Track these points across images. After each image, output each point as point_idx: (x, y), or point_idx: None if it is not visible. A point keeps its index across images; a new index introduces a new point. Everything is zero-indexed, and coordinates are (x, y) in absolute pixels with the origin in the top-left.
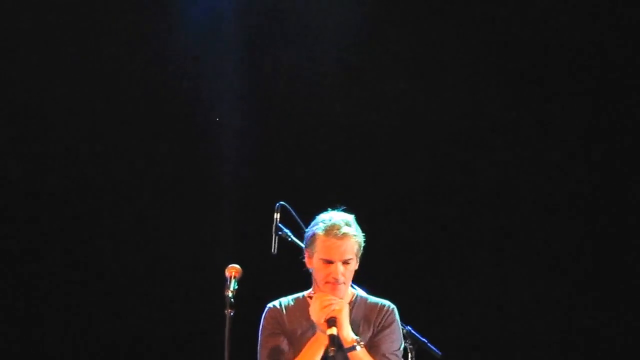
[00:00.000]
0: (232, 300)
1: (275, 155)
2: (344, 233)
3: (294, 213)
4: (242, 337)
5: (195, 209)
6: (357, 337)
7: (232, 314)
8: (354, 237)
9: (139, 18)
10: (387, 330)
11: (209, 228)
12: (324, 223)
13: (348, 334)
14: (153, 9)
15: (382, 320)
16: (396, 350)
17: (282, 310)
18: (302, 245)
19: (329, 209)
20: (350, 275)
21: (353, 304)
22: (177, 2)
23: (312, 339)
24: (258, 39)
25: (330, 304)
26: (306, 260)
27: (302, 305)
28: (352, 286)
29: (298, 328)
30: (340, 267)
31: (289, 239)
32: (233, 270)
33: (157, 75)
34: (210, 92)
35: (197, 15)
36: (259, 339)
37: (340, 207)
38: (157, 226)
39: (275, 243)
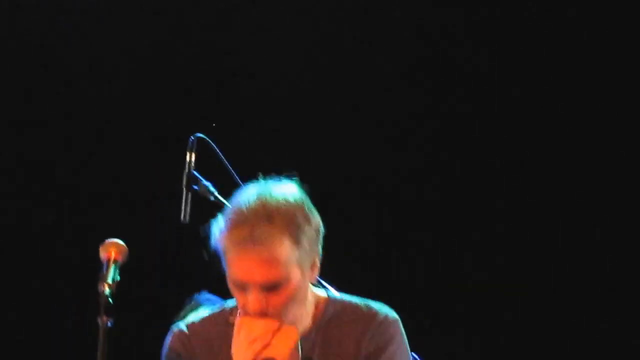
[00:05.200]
0: (110, 300)
1: None
2: (258, 239)
3: (219, 153)
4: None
5: None
6: None
7: (109, 324)
8: (285, 241)
9: None
10: (386, 353)
11: None
12: (231, 216)
13: None
14: None
15: (374, 336)
16: None
17: (190, 336)
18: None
19: (260, 177)
20: (287, 302)
21: (324, 315)
22: None
23: None
24: None
25: (264, 337)
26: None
27: (225, 326)
28: (321, 286)
29: None
30: (260, 295)
31: (212, 198)
32: (112, 248)
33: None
34: None
35: None
36: None
37: (279, 175)
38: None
39: (186, 204)
